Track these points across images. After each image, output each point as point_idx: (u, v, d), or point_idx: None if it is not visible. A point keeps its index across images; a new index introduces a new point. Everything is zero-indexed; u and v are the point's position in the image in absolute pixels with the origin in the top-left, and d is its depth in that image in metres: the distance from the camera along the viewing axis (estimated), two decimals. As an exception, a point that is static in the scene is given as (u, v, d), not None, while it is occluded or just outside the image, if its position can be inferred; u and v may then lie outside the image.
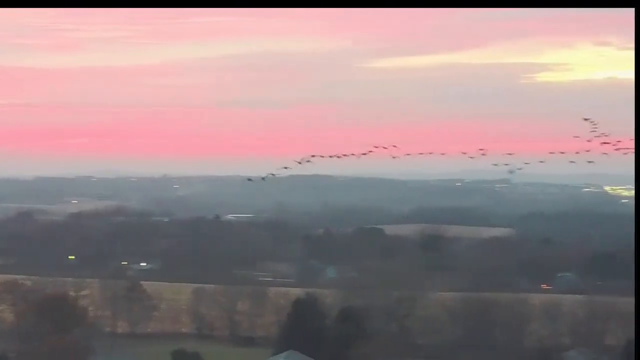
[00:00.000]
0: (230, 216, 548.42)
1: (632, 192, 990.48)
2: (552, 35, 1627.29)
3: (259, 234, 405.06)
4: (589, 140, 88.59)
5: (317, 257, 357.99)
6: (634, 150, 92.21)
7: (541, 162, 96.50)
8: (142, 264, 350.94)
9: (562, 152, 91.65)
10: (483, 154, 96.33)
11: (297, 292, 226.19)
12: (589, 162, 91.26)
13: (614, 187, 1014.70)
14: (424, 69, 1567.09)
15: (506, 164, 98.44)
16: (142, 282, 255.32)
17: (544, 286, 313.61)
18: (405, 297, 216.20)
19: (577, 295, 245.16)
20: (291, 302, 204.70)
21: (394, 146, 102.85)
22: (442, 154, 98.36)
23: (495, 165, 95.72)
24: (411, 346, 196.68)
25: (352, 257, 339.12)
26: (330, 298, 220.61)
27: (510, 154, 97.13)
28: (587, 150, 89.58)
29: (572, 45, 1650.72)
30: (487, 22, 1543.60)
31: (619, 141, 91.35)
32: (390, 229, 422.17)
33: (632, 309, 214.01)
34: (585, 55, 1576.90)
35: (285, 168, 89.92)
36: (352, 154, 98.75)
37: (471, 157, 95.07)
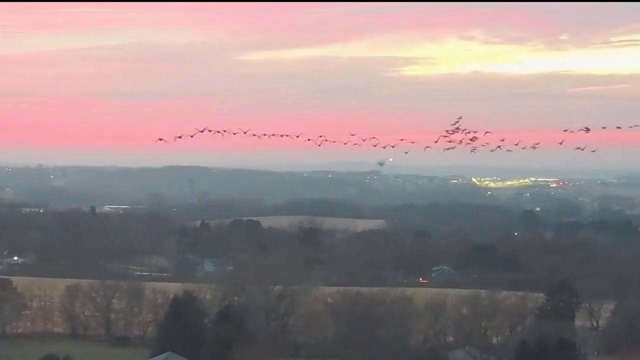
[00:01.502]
0: (106, 207, 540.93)
1: (499, 184, 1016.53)
2: (418, 29, 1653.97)
3: (136, 227, 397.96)
4: (454, 133, 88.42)
5: (194, 250, 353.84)
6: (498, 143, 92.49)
7: (407, 153, 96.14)
8: (14, 258, 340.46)
9: (436, 142, 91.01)
10: (353, 146, 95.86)
11: (174, 287, 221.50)
12: (472, 150, 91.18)
13: (481, 179, 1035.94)
14: (296, 62, 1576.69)
15: (383, 148, 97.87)
16: (13, 277, 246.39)
17: (421, 280, 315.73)
18: (285, 294, 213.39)
19: (455, 290, 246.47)
20: (169, 299, 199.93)
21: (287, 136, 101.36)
22: (317, 144, 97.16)
23: (366, 156, 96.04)
24: (292, 345, 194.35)
25: (229, 251, 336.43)
26: (209, 294, 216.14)
27: (379, 146, 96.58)
28: (453, 142, 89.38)
29: (438, 39, 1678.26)
30: (355, 16, 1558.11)
31: (487, 132, 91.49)
32: (266, 221, 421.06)
33: (512, 303, 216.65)
34: (450, 49, 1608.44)
35: None
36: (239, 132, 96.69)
37: (342, 149, 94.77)
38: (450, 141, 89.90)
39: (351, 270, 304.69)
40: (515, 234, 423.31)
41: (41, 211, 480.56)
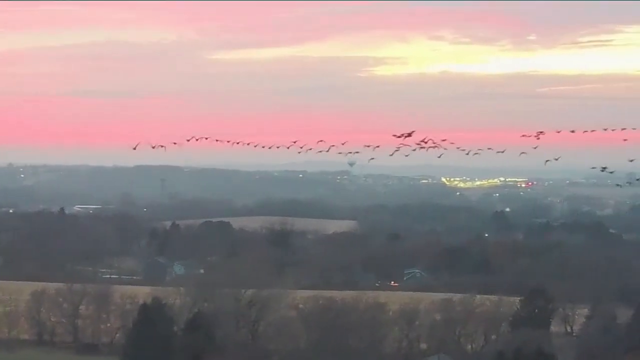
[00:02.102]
0: (76, 207, 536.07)
1: (468, 184, 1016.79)
2: (388, 29, 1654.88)
3: (105, 228, 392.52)
4: (407, 137, 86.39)
5: (164, 252, 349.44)
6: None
7: (372, 159, 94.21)
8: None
9: (398, 150, 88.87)
10: (324, 146, 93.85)
11: (144, 291, 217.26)
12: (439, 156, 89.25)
13: (450, 179, 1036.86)
14: (267, 61, 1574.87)
15: (349, 153, 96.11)
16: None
17: (393, 283, 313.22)
18: (255, 299, 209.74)
19: (428, 293, 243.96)
20: (138, 305, 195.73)
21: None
22: (287, 146, 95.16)
23: (337, 156, 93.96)
24: (263, 353, 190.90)
25: (200, 253, 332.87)
26: (179, 299, 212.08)
27: (350, 146, 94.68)
28: (405, 146, 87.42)
29: (407, 39, 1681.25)
30: (326, 16, 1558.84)
31: (444, 140, 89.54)
32: (237, 222, 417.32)
33: (486, 309, 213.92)
34: (419, 49, 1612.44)
35: None
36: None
37: (312, 149, 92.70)
38: (402, 144, 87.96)
39: (323, 273, 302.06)
40: (486, 235, 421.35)
41: (11, 211, 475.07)
